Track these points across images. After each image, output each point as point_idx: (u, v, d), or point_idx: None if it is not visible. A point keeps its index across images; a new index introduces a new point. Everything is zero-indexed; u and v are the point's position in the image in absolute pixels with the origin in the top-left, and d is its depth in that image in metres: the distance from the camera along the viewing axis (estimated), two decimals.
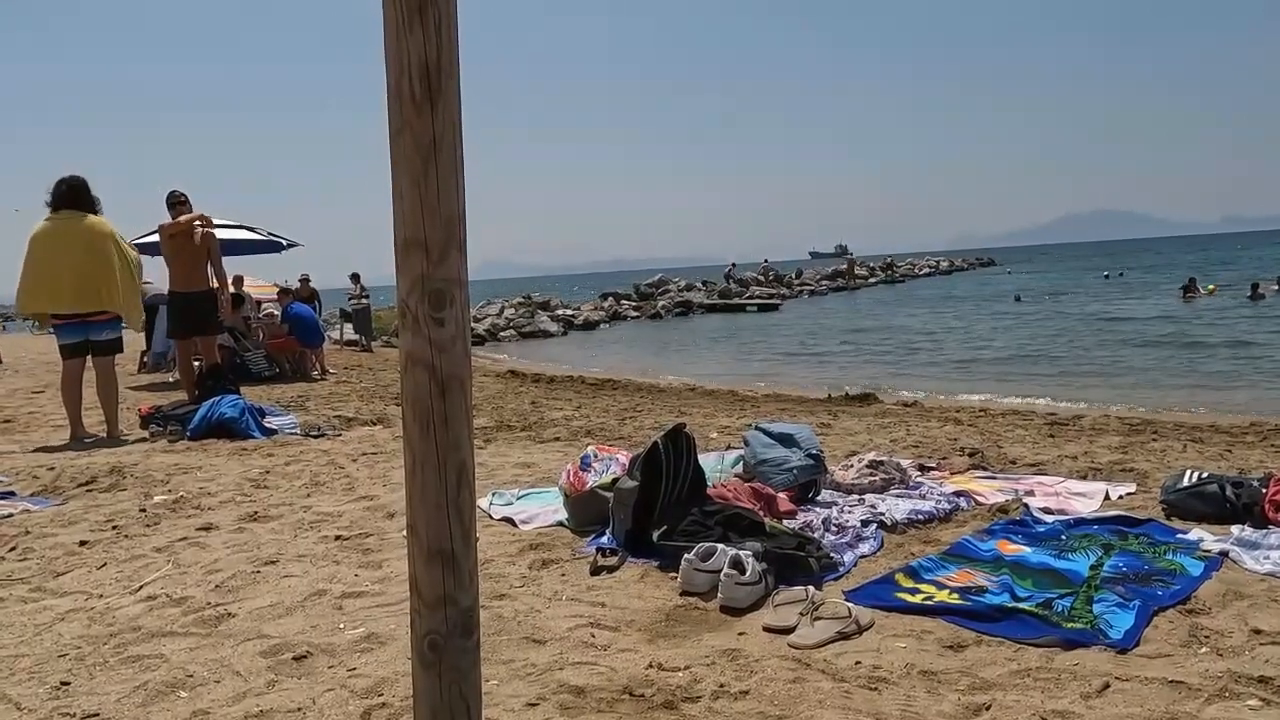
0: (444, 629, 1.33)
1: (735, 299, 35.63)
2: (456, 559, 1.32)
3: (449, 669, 1.34)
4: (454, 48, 1.23)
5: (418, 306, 1.26)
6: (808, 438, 4.55)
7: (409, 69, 1.21)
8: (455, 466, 1.31)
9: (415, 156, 1.23)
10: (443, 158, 1.24)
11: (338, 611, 3.10)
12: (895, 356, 16.52)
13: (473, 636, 1.36)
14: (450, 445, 1.30)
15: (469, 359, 1.32)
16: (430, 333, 1.26)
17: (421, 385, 1.28)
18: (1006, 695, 2.35)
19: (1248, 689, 2.31)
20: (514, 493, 4.66)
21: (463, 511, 1.33)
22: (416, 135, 1.22)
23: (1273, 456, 5.54)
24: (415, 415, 1.29)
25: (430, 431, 1.29)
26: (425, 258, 1.25)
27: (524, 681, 2.52)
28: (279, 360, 12.24)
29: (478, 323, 25.62)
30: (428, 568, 1.32)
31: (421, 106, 1.22)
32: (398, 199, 1.25)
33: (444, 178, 1.24)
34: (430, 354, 1.27)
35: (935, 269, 61.97)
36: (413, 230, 1.25)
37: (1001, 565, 3.35)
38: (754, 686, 2.43)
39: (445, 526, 1.31)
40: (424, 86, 1.21)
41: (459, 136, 1.26)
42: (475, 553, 1.37)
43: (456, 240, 1.27)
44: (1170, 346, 15.02)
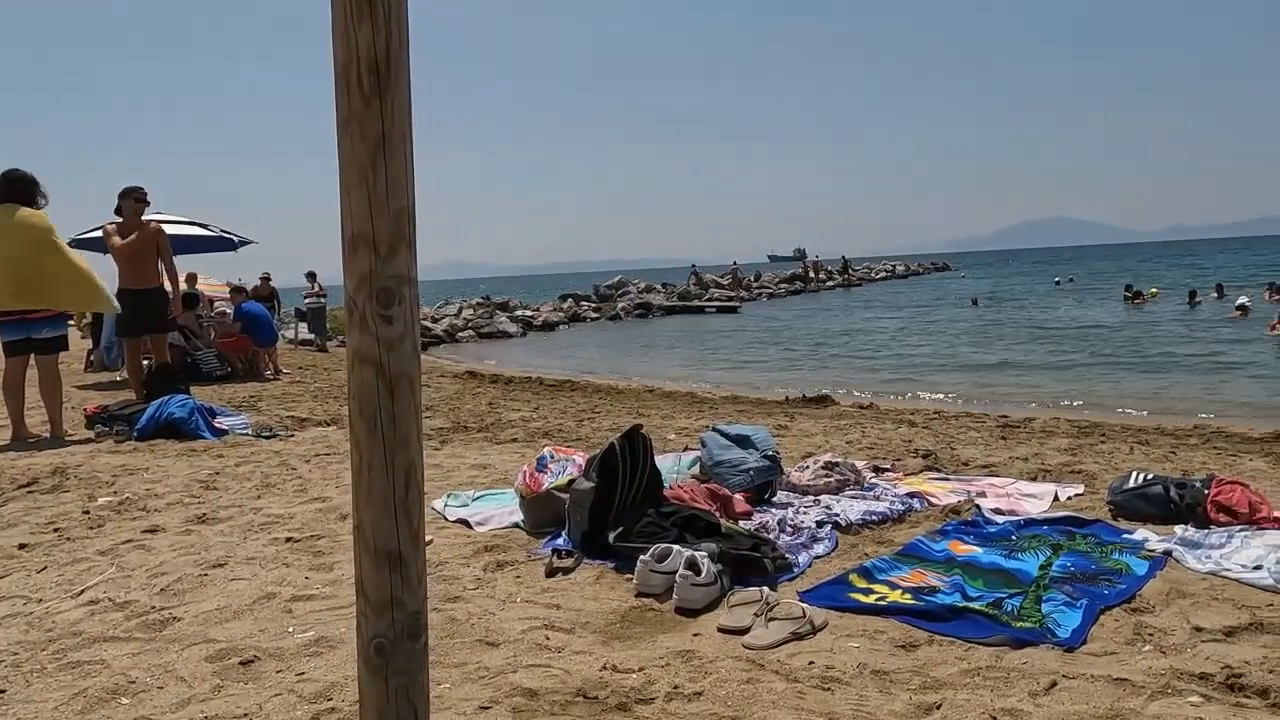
0: (391, 632, 1.30)
1: (695, 301, 35.73)
2: (404, 561, 1.30)
3: (396, 673, 1.31)
4: (404, 40, 1.21)
5: (365, 304, 1.24)
6: (764, 439, 4.57)
7: (357, 61, 1.19)
8: (403, 467, 1.28)
9: (363, 150, 1.21)
10: (392, 152, 1.22)
11: (287, 615, 3.04)
12: (853, 359, 16.68)
13: (420, 639, 1.34)
14: (398, 445, 1.27)
15: (418, 357, 1.30)
16: (378, 331, 1.24)
17: (369, 384, 1.25)
18: (957, 694, 2.37)
19: (1189, 685, 2.36)
20: (469, 494, 4.61)
21: (411, 512, 1.30)
22: (364, 129, 1.20)
23: (1215, 458, 5.67)
24: (362, 414, 1.27)
25: (378, 431, 1.26)
26: (373, 254, 1.22)
27: (476, 684, 2.49)
28: (231, 360, 12.02)
29: (435, 323, 25.41)
30: (374, 570, 1.29)
31: (370, 99, 1.20)
32: (345, 194, 1.23)
33: (393, 173, 1.22)
34: (378, 352, 1.25)
35: (891, 273, 62.72)
36: (360, 226, 1.22)
37: (953, 565, 3.39)
38: (708, 688, 2.43)
39: (393, 528, 1.28)
40: (373, 79, 1.19)
41: (409, 131, 1.24)
42: (424, 555, 1.35)
43: (406, 237, 1.25)
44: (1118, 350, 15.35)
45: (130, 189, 8.12)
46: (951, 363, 15.20)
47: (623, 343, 23.30)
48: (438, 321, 26.03)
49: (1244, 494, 3.85)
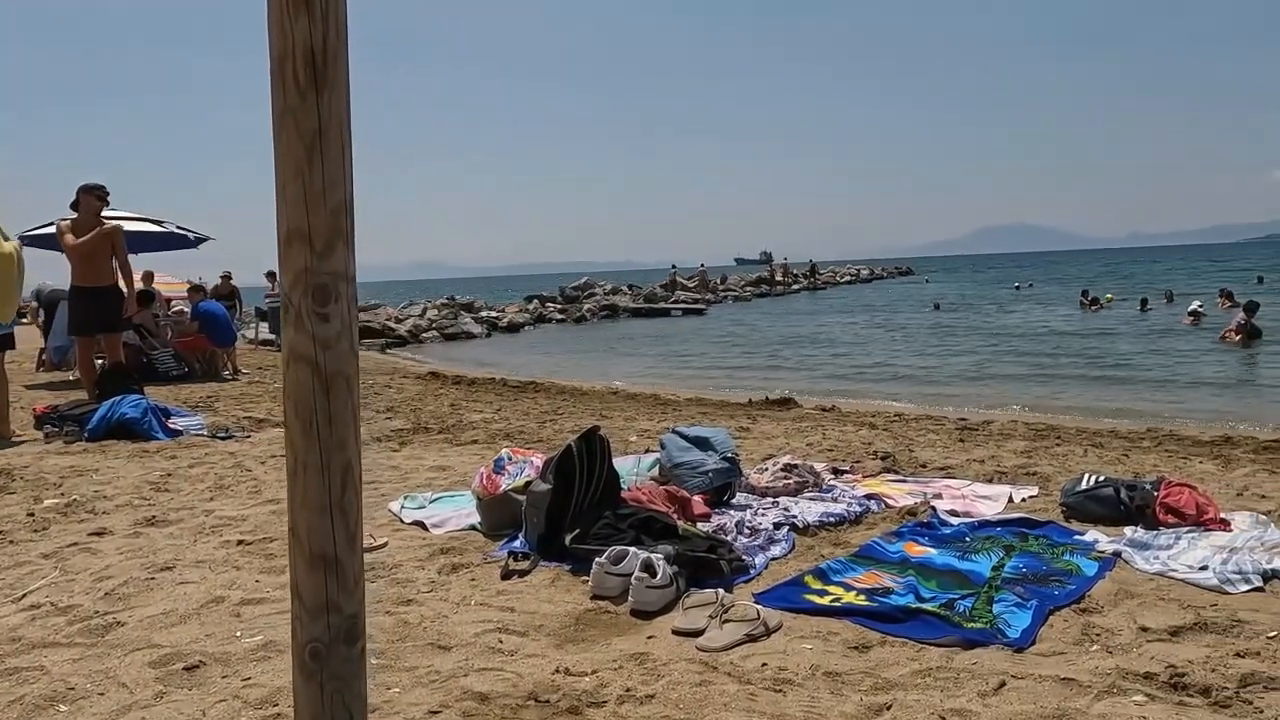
0: (326, 637, 1.28)
1: (661, 303, 35.76)
2: (340, 564, 1.27)
3: (331, 678, 1.29)
4: (342, 34, 1.19)
5: (301, 301, 1.21)
6: (723, 441, 4.58)
7: (293, 55, 1.16)
8: (340, 468, 1.26)
9: (299, 145, 1.18)
10: (329, 148, 1.19)
11: (235, 619, 2.99)
12: (816, 361, 16.78)
13: (357, 644, 1.32)
14: (334, 446, 1.25)
15: (356, 356, 1.28)
16: (314, 329, 1.22)
17: (304, 383, 1.23)
18: (907, 695, 2.39)
19: (1134, 685, 2.39)
20: (427, 496, 4.57)
21: (348, 515, 1.28)
22: (300, 123, 1.18)
23: (1166, 461, 5.77)
24: (297, 414, 1.24)
25: (313, 431, 1.24)
26: (309, 251, 1.20)
27: (427, 689, 2.46)
28: (188, 360, 11.82)
29: (399, 324, 25.18)
30: (310, 573, 1.27)
31: (306, 94, 1.17)
32: (280, 189, 1.20)
33: (330, 168, 1.20)
34: (314, 350, 1.22)
35: (856, 277, 63.25)
36: (296, 222, 1.20)
37: (908, 567, 3.41)
38: (660, 690, 2.42)
39: (328, 530, 1.26)
40: (309, 73, 1.17)
41: (348, 126, 1.22)
42: (361, 557, 1.32)
43: (343, 233, 1.22)
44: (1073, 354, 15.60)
45: (90, 186, 7.94)
46: (913, 366, 15.34)
47: (588, 344, 23.25)
48: (401, 322, 25.80)
49: (1191, 496, 3.92)
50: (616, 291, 37.92)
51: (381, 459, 5.96)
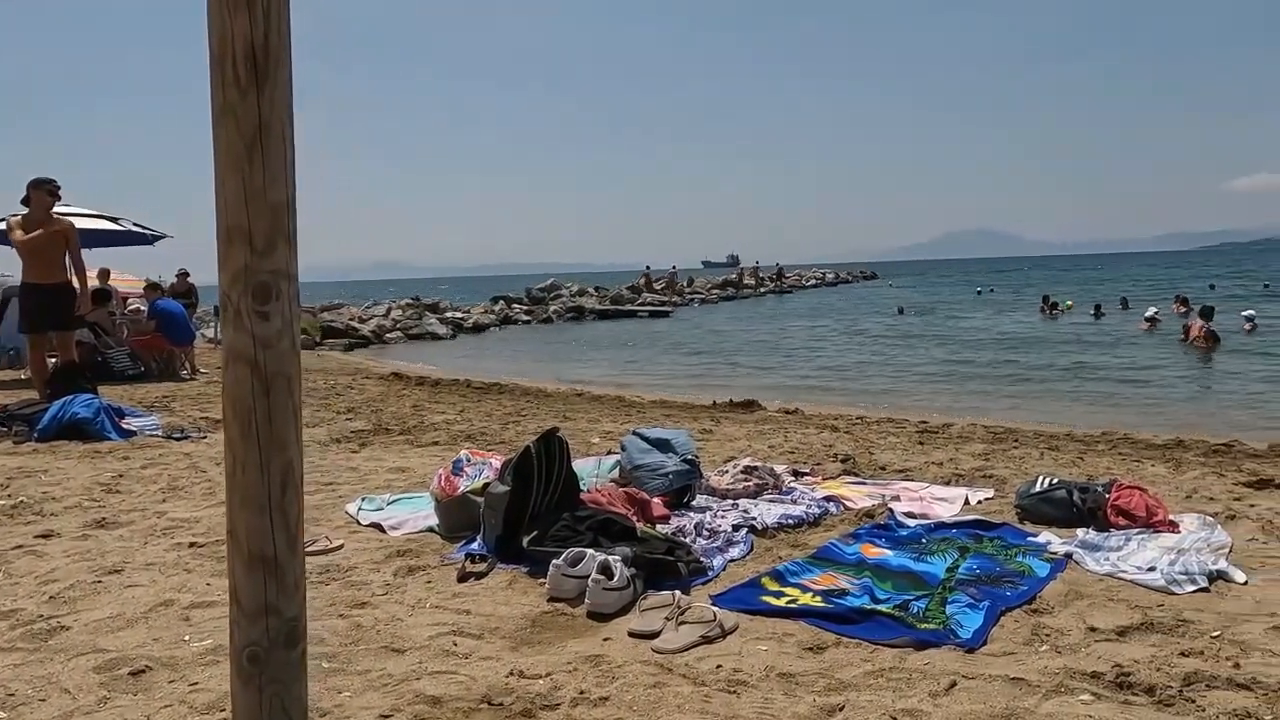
0: (265, 640, 1.26)
1: (627, 305, 35.77)
2: (280, 566, 1.25)
3: (270, 682, 1.27)
4: (284, 31, 1.17)
5: (240, 299, 1.19)
6: (684, 443, 4.58)
7: (233, 51, 1.15)
8: (280, 469, 1.24)
9: (238, 142, 1.16)
10: (270, 144, 1.18)
11: (184, 623, 2.94)
12: (781, 364, 16.87)
13: (298, 647, 1.30)
14: (274, 446, 1.23)
15: (297, 356, 1.26)
16: (253, 327, 1.20)
17: (243, 382, 1.21)
18: (860, 695, 2.40)
19: (1081, 684, 2.43)
20: (385, 498, 4.53)
21: (288, 516, 1.26)
22: (240, 120, 1.16)
23: (1119, 463, 5.87)
24: (236, 414, 1.22)
25: (252, 431, 1.22)
26: (249, 248, 1.18)
27: (379, 693, 2.44)
28: (145, 359, 11.61)
29: (362, 324, 24.94)
30: (248, 575, 1.25)
31: (246, 90, 1.16)
32: (220, 186, 1.18)
33: (271, 165, 1.18)
34: (253, 350, 1.20)
35: (822, 280, 63.69)
36: (235, 219, 1.18)
37: (864, 568, 3.44)
38: (614, 693, 2.41)
39: (268, 532, 1.24)
40: (249, 69, 1.15)
41: (289, 124, 1.20)
42: (302, 560, 1.31)
43: (284, 231, 1.20)
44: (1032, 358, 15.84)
45: (41, 180, 7.78)
46: (876, 369, 15.49)
47: (553, 346, 23.20)
48: (365, 322, 25.55)
49: (1142, 498, 3.99)
50: (583, 293, 37.87)
51: (340, 460, 5.90)
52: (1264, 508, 4.28)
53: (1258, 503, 4.42)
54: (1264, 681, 2.39)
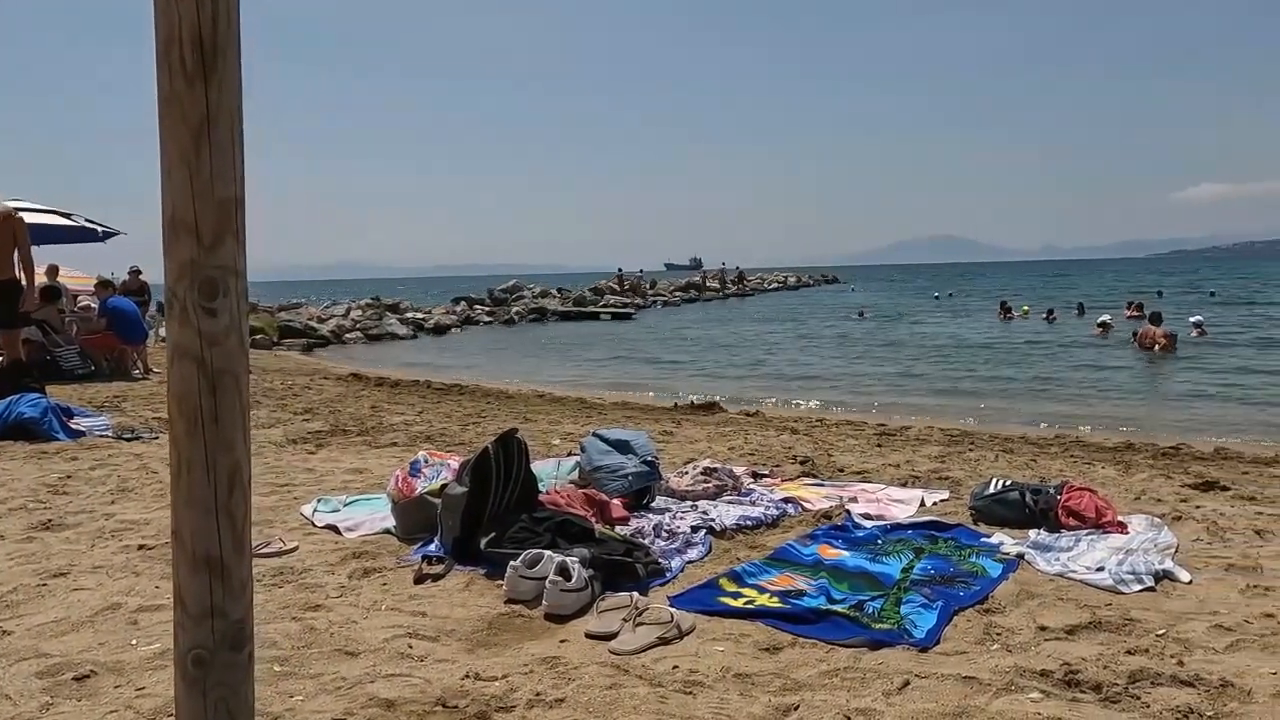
0: (211, 643, 1.23)
1: (589, 307, 35.72)
2: (227, 568, 1.23)
3: (216, 685, 1.24)
4: (233, 17, 1.15)
5: (186, 295, 1.17)
6: (644, 444, 4.58)
7: (179, 40, 1.12)
8: (227, 468, 1.22)
9: (185, 133, 1.14)
10: (217, 136, 1.15)
11: (132, 626, 2.88)
12: (743, 367, 16.95)
13: (244, 650, 1.28)
14: (221, 446, 1.21)
15: (245, 353, 1.24)
16: (200, 324, 1.17)
17: (189, 380, 1.18)
18: (815, 695, 2.42)
19: (1031, 682, 2.46)
20: (341, 499, 4.47)
21: (235, 517, 1.24)
22: (186, 110, 1.13)
23: (1071, 466, 5.98)
24: (181, 412, 1.20)
25: (199, 430, 1.19)
26: (196, 243, 1.16)
27: (331, 696, 2.41)
28: (95, 357, 11.36)
29: (321, 324, 24.63)
30: (193, 577, 1.22)
31: (193, 79, 1.13)
32: (165, 179, 1.16)
33: (219, 157, 1.16)
34: (200, 347, 1.18)
35: (784, 284, 64.10)
36: (181, 212, 1.16)
37: (821, 569, 3.46)
38: (570, 694, 2.40)
39: (214, 533, 1.21)
40: (196, 58, 1.13)
41: (238, 116, 1.18)
42: (249, 561, 1.28)
43: (233, 225, 1.18)
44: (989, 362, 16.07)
45: None
46: (836, 372, 15.62)
47: (515, 347, 23.10)
48: (324, 322, 25.24)
49: (1091, 499, 4.06)
50: (545, 294, 37.75)
51: (296, 461, 5.82)
52: (1209, 509, 4.39)
53: (1203, 504, 4.53)
54: (1206, 678, 2.44)
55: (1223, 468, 5.92)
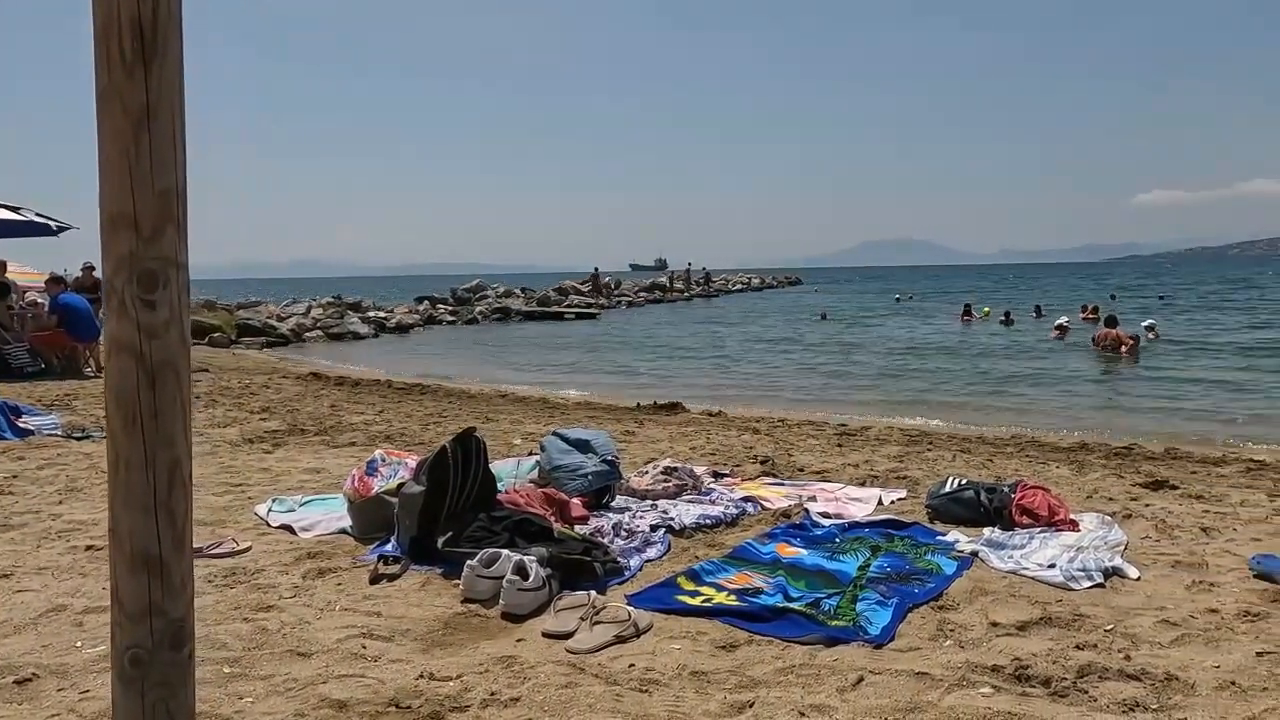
0: (149, 642, 1.21)
1: (554, 307, 35.60)
2: (166, 566, 1.20)
3: (155, 685, 1.22)
4: (173, 4, 1.12)
5: (124, 288, 1.14)
6: (604, 444, 4.57)
7: (118, 26, 1.10)
8: (167, 465, 1.19)
9: (124, 123, 1.11)
10: (158, 126, 1.13)
11: (77, 628, 2.82)
12: (706, 367, 16.99)
13: (184, 649, 1.25)
14: (161, 441, 1.18)
15: (187, 347, 1.21)
16: (139, 317, 1.15)
17: (127, 374, 1.16)
18: (770, 692, 2.43)
19: (982, 678, 2.50)
20: (296, 499, 4.41)
21: (174, 514, 1.21)
22: (126, 100, 1.11)
23: (1026, 465, 6.07)
24: (119, 407, 1.17)
25: (137, 426, 1.17)
26: (135, 235, 1.13)
27: (282, 697, 2.37)
28: (46, 355, 11.11)
29: (281, 322, 24.29)
30: (131, 575, 1.20)
31: (133, 69, 1.11)
32: (104, 169, 1.13)
33: (159, 148, 1.14)
34: (138, 340, 1.15)
35: (747, 285, 64.38)
36: (120, 204, 1.13)
37: (778, 567, 3.48)
38: (525, 693, 2.39)
39: (153, 531, 1.19)
40: (136, 46, 1.10)
41: (179, 103, 1.16)
42: (190, 559, 1.26)
43: (174, 217, 1.16)
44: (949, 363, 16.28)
45: None
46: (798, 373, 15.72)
47: (478, 347, 22.95)
48: (284, 320, 24.89)
49: (1044, 498, 4.13)
50: (509, 294, 37.56)
51: (252, 461, 5.73)
52: (1158, 507, 4.48)
53: (1152, 502, 4.62)
54: (1152, 672, 2.49)
55: (1172, 467, 6.04)
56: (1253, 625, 2.87)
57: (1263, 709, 2.30)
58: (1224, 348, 17.74)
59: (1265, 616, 2.94)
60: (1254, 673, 2.51)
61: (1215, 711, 2.29)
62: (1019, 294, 45.86)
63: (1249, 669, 2.54)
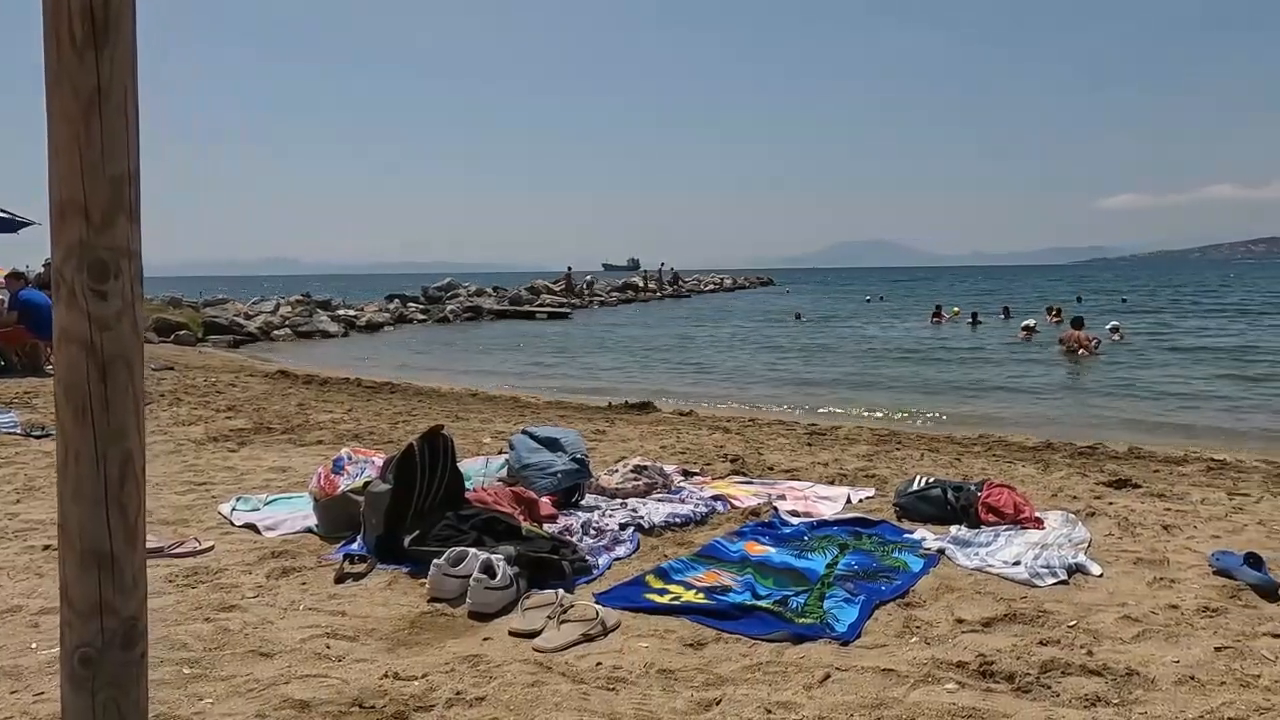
0: (99, 641, 1.18)
1: (525, 306, 35.47)
2: (117, 562, 1.18)
3: (105, 685, 1.19)
4: None
5: (74, 277, 1.11)
6: (573, 442, 4.56)
7: (68, 8, 1.07)
8: (118, 458, 1.17)
9: (74, 107, 1.09)
10: (110, 110, 1.10)
11: (32, 629, 2.76)
12: (678, 367, 17.01)
13: (136, 648, 1.22)
14: (112, 435, 1.15)
15: (139, 338, 1.19)
16: (90, 307, 1.12)
17: (77, 366, 1.13)
18: (737, 690, 2.43)
19: (947, 673, 2.51)
20: (261, 498, 4.36)
21: (126, 509, 1.19)
22: (76, 84, 1.08)
23: (993, 465, 6.13)
24: (69, 399, 1.14)
25: (87, 418, 1.14)
26: (85, 223, 1.11)
27: (243, 698, 2.34)
28: (6, 352, 10.90)
29: (249, 320, 24.00)
30: (80, 572, 1.17)
31: (84, 52, 1.08)
32: (54, 156, 1.10)
33: (110, 133, 1.11)
34: (89, 331, 1.13)
35: (720, 285, 64.53)
36: (70, 191, 1.10)
37: (747, 565, 3.48)
38: (491, 692, 2.37)
39: (103, 526, 1.16)
40: (86, 29, 1.08)
41: (133, 90, 1.13)
42: (142, 555, 1.23)
43: (126, 205, 1.13)
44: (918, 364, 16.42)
45: None
46: (771, 374, 15.77)
47: (449, 346, 22.81)
48: (251, 318, 24.59)
49: (1010, 496, 4.17)
50: (481, 293, 37.37)
51: (217, 460, 5.65)
52: (1121, 505, 4.53)
53: (1116, 501, 4.67)
54: (1113, 668, 2.52)
55: (1135, 466, 6.13)
56: (1211, 620, 2.91)
57: (1220, 702, 2.33)
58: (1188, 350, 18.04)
59: (1224, 612, 2.98)
60: (1212, 667, 2.55)
61: (1174, 706, 2.32)
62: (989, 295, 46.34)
63: (1208, 664, 2.57)
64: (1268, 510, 4.49)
